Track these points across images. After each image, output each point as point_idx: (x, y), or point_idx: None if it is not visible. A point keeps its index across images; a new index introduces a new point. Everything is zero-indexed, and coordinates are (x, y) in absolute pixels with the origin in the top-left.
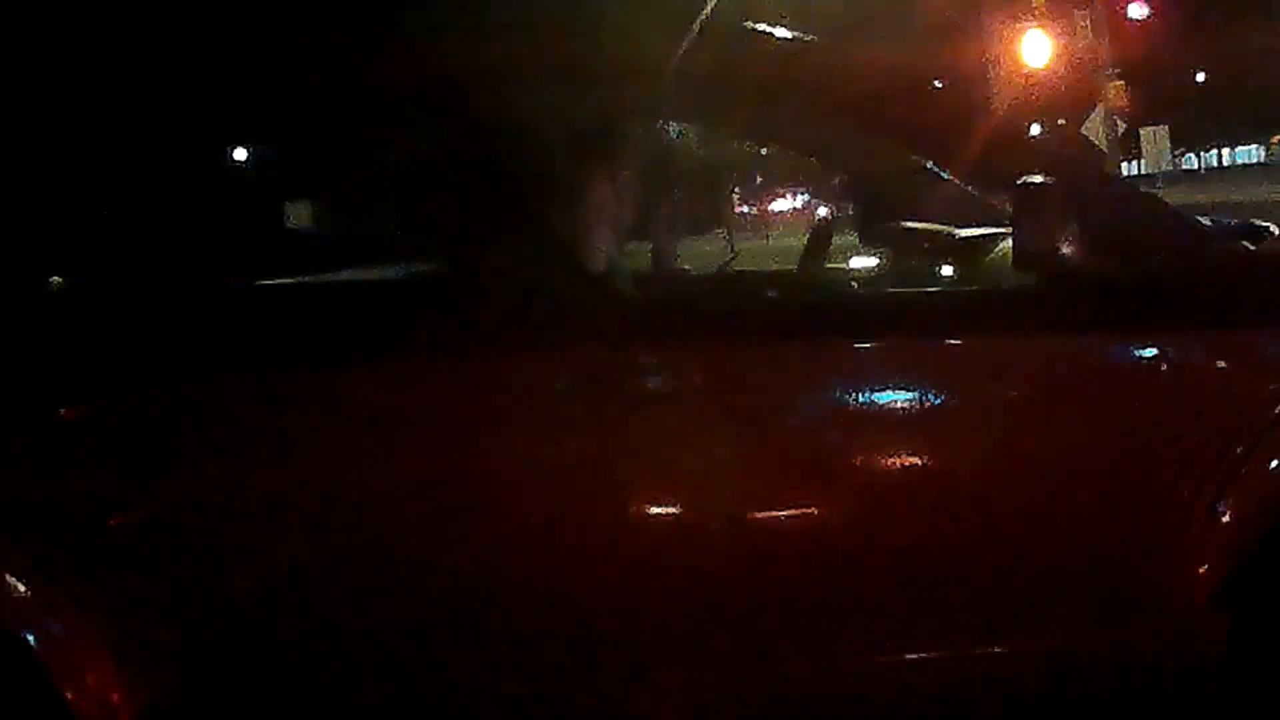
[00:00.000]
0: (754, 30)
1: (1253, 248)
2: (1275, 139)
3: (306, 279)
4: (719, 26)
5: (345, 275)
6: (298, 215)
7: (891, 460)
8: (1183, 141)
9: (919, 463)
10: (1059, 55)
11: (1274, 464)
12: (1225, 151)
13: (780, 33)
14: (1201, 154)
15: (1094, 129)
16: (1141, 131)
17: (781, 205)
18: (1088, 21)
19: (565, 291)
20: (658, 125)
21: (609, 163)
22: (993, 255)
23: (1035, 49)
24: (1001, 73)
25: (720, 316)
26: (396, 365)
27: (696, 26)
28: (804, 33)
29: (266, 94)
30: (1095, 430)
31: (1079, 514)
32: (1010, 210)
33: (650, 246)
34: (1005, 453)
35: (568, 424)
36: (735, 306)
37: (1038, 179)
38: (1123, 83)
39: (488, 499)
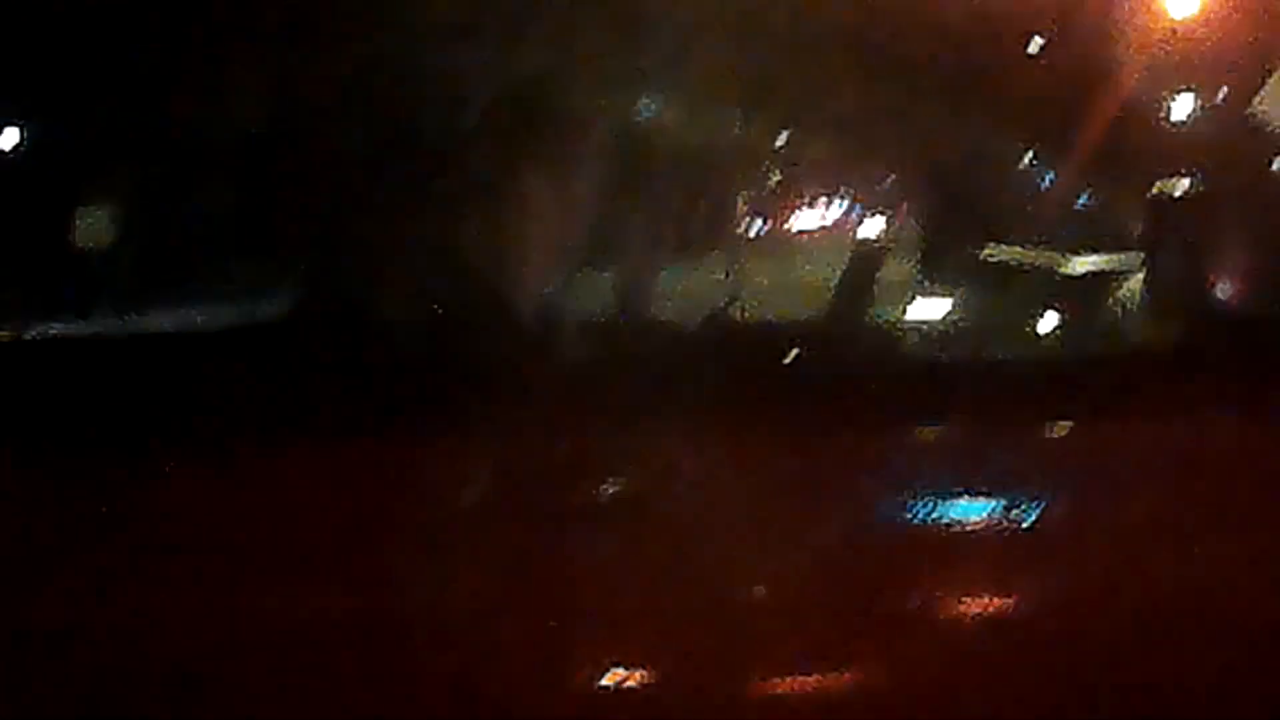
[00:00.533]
0: None
1: None
2: None
3: (99, 326)
4: None
5: (154, 319)
6: (89, 231)
7: (966, 609)
8: None
9: (1005, 610)
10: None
11: None
12: None
13: None
14: None
15: (1275, 105)
16: None
17: (808, 219)
18: None
19: (476, 347)
20: (620, 97)
21: (544, 153)
22: (1118, 297)
23: None
24: (1133, 23)
25: (712, 387)
26: (220, 454)
27: None
28: None
29: (38, 39)
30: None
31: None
32: (1145, 231)
33: (612, 278)
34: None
35: (479, 550)
36: (735, 372)
37: (1185, 184)
38: None
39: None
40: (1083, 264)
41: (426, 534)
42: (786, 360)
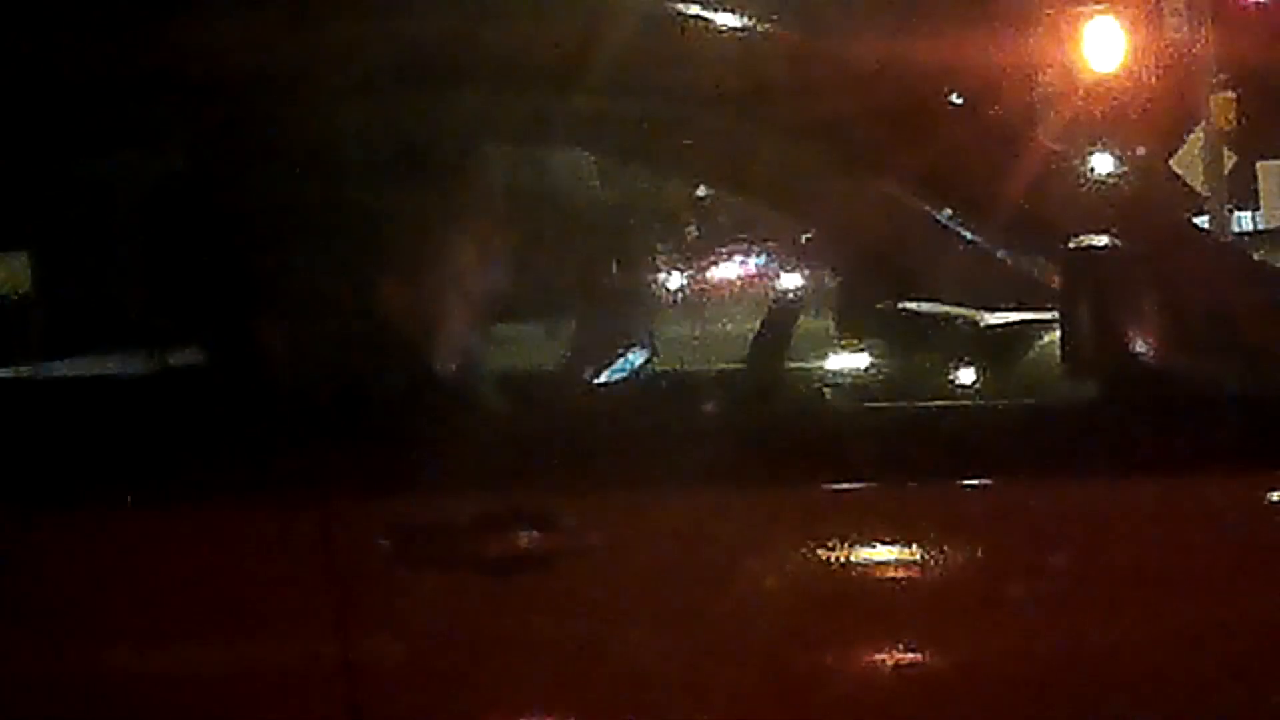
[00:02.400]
0: (681, 13)
1: None
2: None
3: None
4: (631, 8)
5: (65, 366)
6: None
7: (877, 660)
8: None
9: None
10: (1138, 54)
11: None
12: None
13: (722, 18)
14: None
15: (1189, 163)
16: (1260, 167)
17: (724, 272)
18: (1181, 6)
19: (391, 405)
20: (531, 150)
21: (461, 209)
22: (1032, 353)
23: (1103, 46)
24: (1053, 80)
25: (629, 445)
26: (125, 512)
27: (601, 9)
28: (758, 18)
29: None
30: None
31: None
32: (1060, 287)
33: (530, 333)
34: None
35: (402, 602)
36: (651, 430)
37: (1101, 240)
38: (1233, 94)
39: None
40: (998, 319)
41: (333, 591)
42: (706, 410)
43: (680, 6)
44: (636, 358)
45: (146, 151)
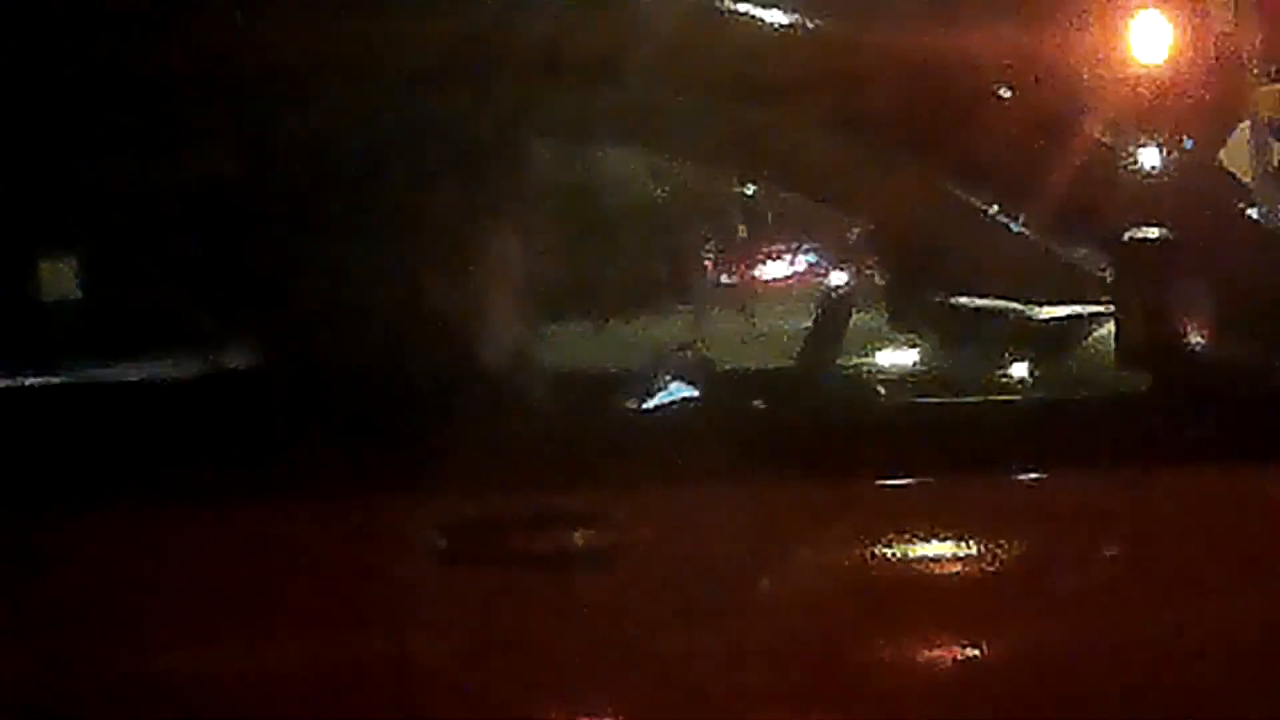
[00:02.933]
0: (727, 8)
1: None
2: None
3: (59, 377)
4: (675, 3)
5: (115, 371)
6: (54, 281)
7: (930, 655)
8: None
9: (972, 658)
10: (1185, 47)
11: None
12: None
13: (769, 14)
14: None
15: (1238, 155)
16: None
17: (775, 269)
18: None
19: (441, 402)
20: (585, 148)
21: (509, 202)
22: (1086, 346)
23: (1150, 38)
24: (1101, 74)
25: (675, 440)
26: (184, 509)
27: (642, 4)
28: (806, 12)
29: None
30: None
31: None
32: (1112, 280)
33: (580, 331)
34: (1090, 643)
35: (446, 597)
36: (703, 426)
37: (1152, 232)
38: None
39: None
40: (1050, 313)
41: (393, 587)
42: (758, 406)
43: (728, 2)
44: (680, 390)
45: (191, 153)
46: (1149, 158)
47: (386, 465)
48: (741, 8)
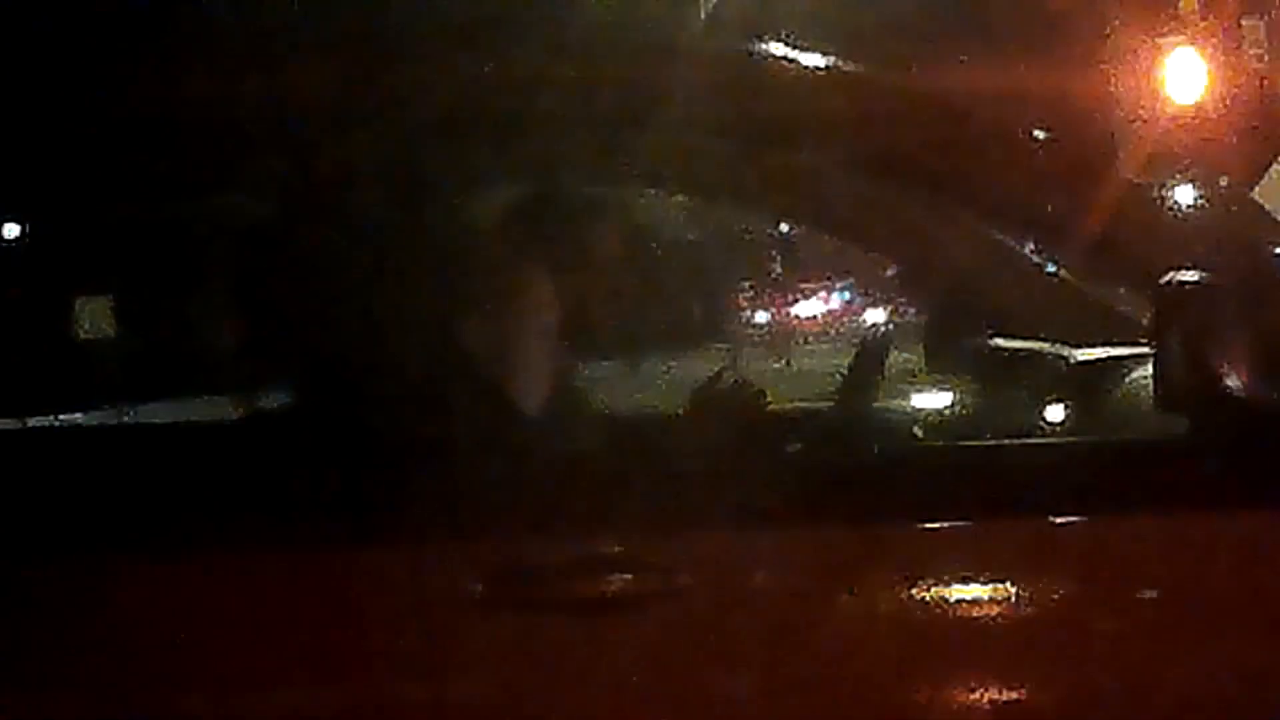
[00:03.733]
0: (765, 54)
1: None
2: None
3: (96, 417)
4: (711, 48)
5: (153, 411)
6: (91, 320)
7: (969, 699)
8: None
9: (1011, 702)
10: (1220, 85)
11: None
12: None
13: (807, 58)
14: None
15: (1272, 193)
16: None
17: (811, 308)
18: (1263, 34)
19: (481, 446)
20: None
21: (548, 249)
22: (1124, 388)
23: (1185, 76)
24: (1135, 113)
25: (719, 484)
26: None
27: (677, 49)
28: (842, 57)
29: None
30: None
31: None
32: (1151, 322)
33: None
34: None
35: (482, 642)
36: (741, 469)
37: (1191, 275)
38: None
39: None
40: (1088, 355)
41: (429, 631)
42: (790, 450)
43: (765, 46)
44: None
45: (234, 196)
46: (1184, 196)
47: (424, 510)
48: (781, 51)
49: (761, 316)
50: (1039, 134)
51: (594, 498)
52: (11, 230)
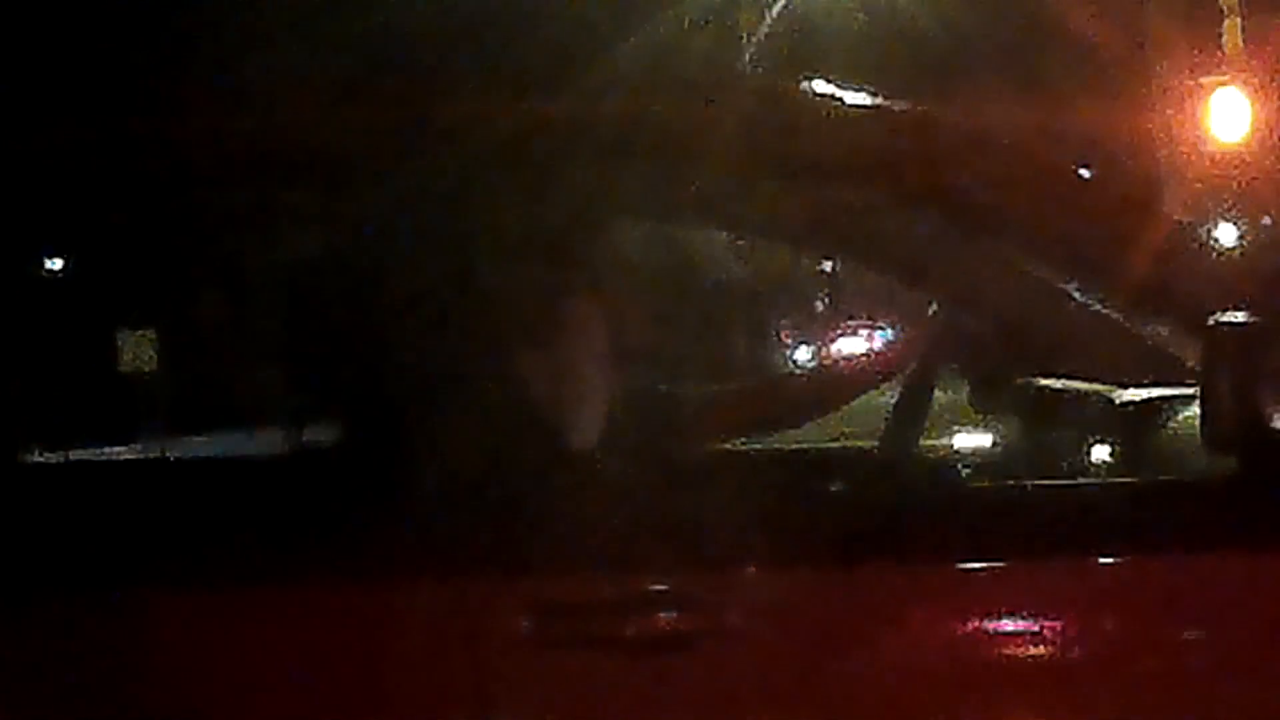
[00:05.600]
0: (810, 91)
1: None
2: None
3: (139, 451)
4: (757, 85)
5: (195, 444)
6: (132, 354)
7: None
8: None
9: None
10: (1264, 124)
11: None
12: None
13: (851, 96)
14: None
15: None
16: None
17: (852, 346)
18: None
19: (530, 484)
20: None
21: (591, 283)
22: (1171, 429)
23: (1229, 115)
24: (1180, 152)
25: (767, 523)
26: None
27: (724, 85)
28: (887, 95)
29: (91, 168)
30: None
31: None
32: (1199, 363)
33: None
34: None
35: (542, 682)
36: (788, 508)
37: (1239, 315)
38: None
39: None
40: (1134, 395)
41: (478, 667)
42: (835, 489)
43: (810, 84)
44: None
45: (281, 235)
46: (1230, 235)
47: (472, 546)
48: (826, 89)
49: (804, 353)
50: (1085, 172)
51: (645, 536)
52: (56, 263)
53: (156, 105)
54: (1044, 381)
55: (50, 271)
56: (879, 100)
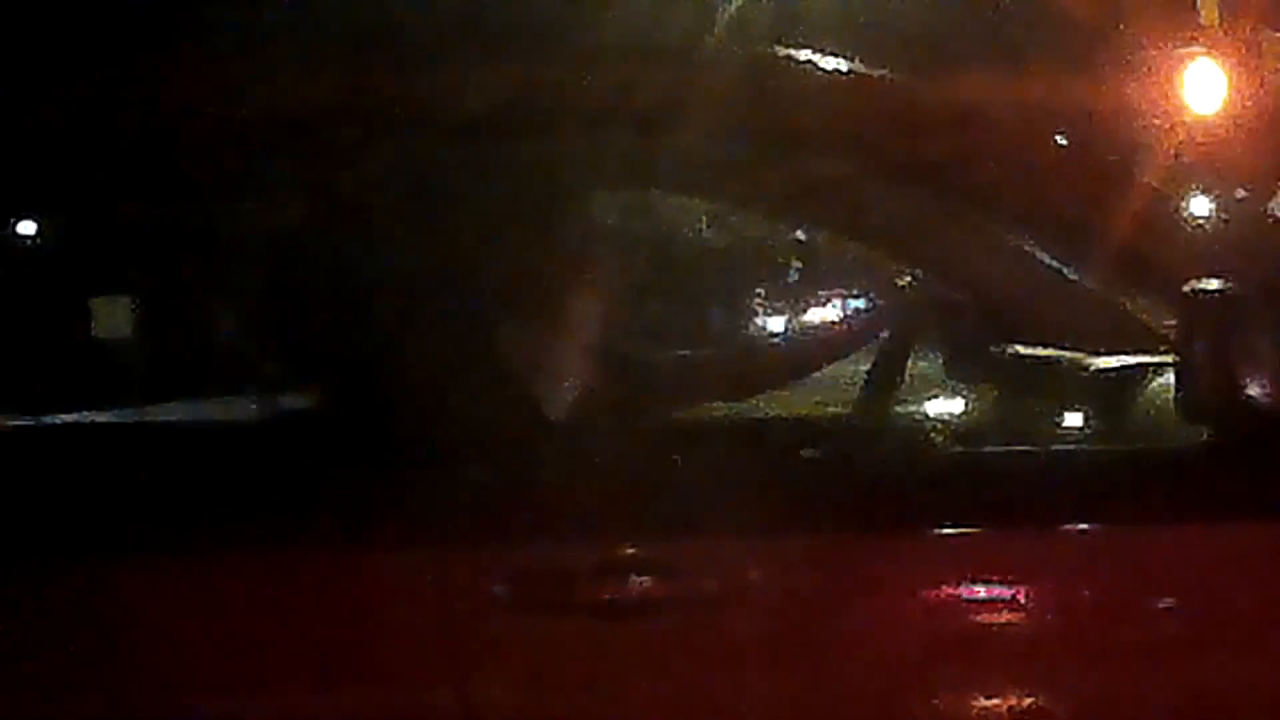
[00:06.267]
0: (787, 58)
1: None
2: None
3: (113, 415)
4: (731, 52)
5: (171, 410)
6: (107, 319)
7: (982, 706)
8: None
9: (1024, 710)
10: (1239, 95)
11: None
12: None
13: (828, 62)
14: None
15: None
16: None
17: (826, 314)
18: None
19: (506, 451)
20: (640, 196)
21: (567, 254)
22: (1145, 397)
23: (1205, 87)
24: (1156, 122)
25: (741, 491)
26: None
27: (698, 53)
28: (864, 61)
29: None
30: None
31: None
32: (1174, 331)
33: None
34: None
35: (518, 649)
36: (762, 476)
37: (1213, 283)
38: None
39: None
40: (1109, 363)
41: (450, 634)
42: (807, 455)
43: (786, 51)
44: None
45: (264, 201)
46: (1202, 207)
47: (446, 513)
48: (800, 56)
49: (777, 322)
50: (1061, 141)
51: (620, 503)
52: (29, 228)
53: (128, 69)
54: (1019, 349)
55: (22, 237)
56: (852, 68)
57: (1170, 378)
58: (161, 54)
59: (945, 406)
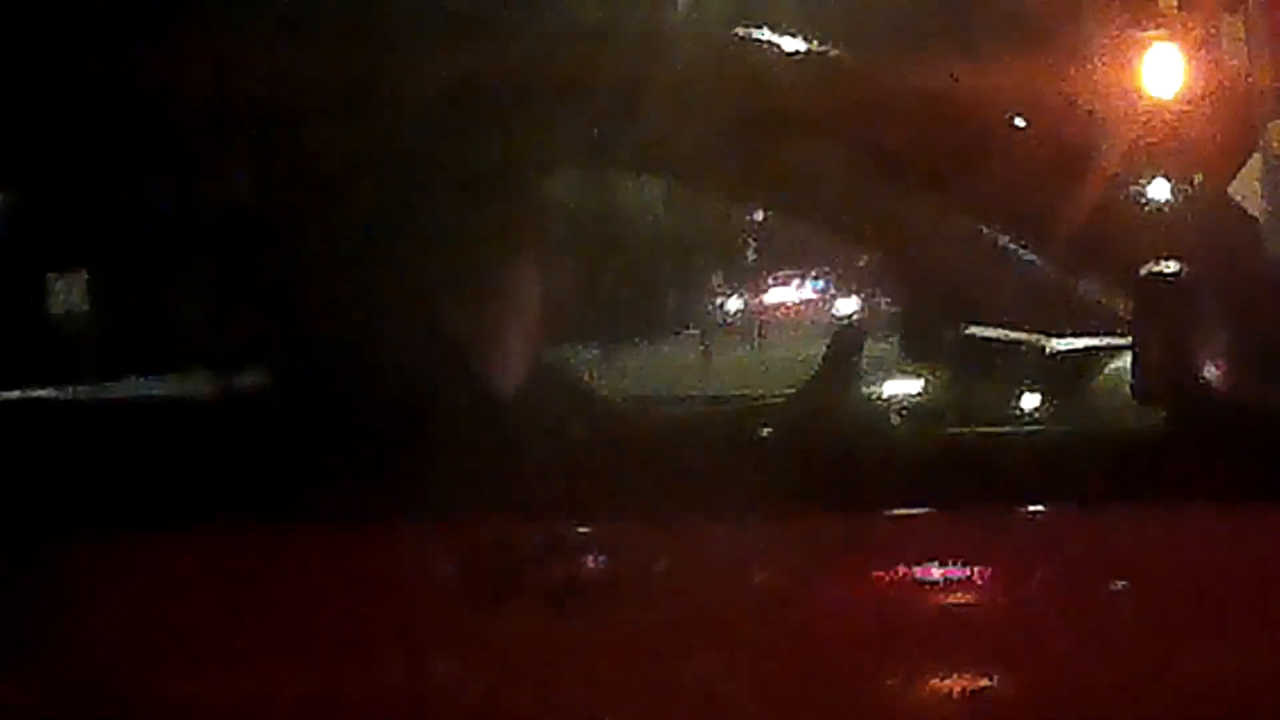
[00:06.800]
0: (745, 39)
1: None
2: None
3: (64, 393)
4: (691, 34)
5: (123, 388)
6: (63, 294)
7: (938, 688)
8: None
9: (980, 691)
10: (1197, 80)
11: None
12: None
13: (787, 43)
14: None
15: (1249, 189)
16: None
17: (784, 295)
18: (1241, 30)
19: (456, 430)
20: (596, 176)
21: (523, 234)
22: (1101, 379)
23: (1162, 71)
24: (1113, 106)
25: (690, 469)
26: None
27: (657, 33)
28: (823, 43)
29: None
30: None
31: None
32: (1129, 313)
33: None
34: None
35: (468, 629)
36: (716, 457)
37: (1169, 267)
38: None
39: None
40: (1065, 345)
41: (399, 618)
42: (763, 436)
43: (745, 31)
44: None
45: (211, 174)
46: (1160, 191)
47: (395, 492)
48: (759, 36)
49: (735, 305)
50: (1018, 124)
51: (570, 483)
52: None
53: (88, 41)
54: (975, 330)
55: None
56: (808, 49)
57: (1127, 360)
58: (113, 29)
59: (901, 388)
